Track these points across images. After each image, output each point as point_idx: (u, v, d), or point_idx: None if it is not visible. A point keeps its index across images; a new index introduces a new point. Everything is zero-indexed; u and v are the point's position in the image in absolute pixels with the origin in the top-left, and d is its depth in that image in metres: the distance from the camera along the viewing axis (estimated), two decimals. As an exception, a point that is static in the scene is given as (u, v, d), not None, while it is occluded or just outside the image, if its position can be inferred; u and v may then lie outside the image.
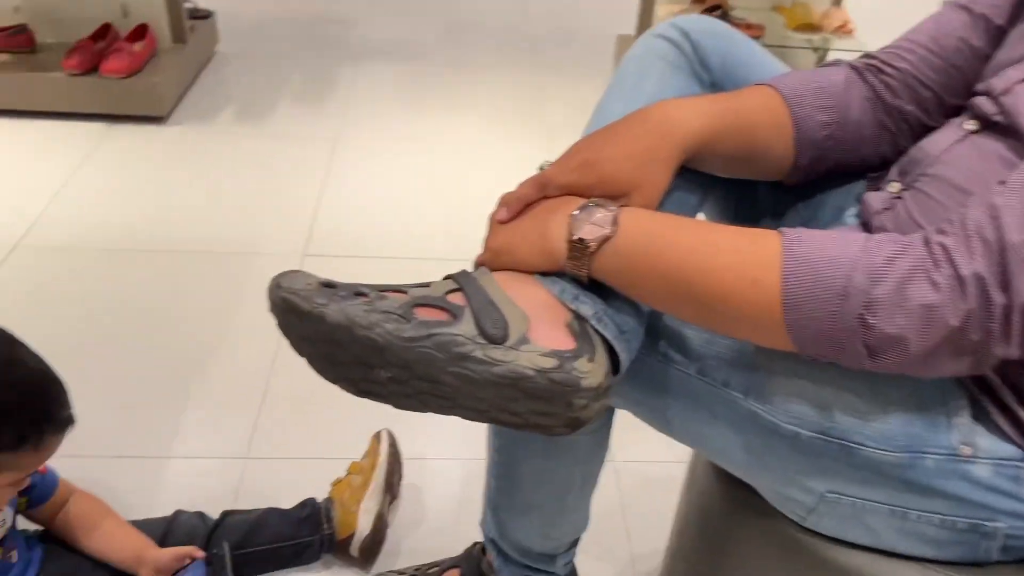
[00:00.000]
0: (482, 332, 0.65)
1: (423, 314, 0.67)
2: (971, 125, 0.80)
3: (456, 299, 0.68)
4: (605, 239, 0.68)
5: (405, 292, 0.69)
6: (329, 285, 0.68)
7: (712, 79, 0.93)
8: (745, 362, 0.74)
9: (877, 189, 0.86)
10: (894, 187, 0.83)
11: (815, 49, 2.56)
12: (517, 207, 0.74)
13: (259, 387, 1.51)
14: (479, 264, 0.74)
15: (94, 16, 2.39)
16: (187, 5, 2.70)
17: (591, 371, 0.65)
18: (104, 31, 2.37)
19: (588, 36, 3.14)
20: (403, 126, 2.47)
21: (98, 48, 2.30)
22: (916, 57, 0.88)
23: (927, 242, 0.61)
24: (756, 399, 0.73)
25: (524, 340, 0.65)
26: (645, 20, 2.55)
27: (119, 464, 1.35)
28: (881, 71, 0.89)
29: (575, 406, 0.65)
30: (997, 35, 0.85)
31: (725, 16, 2.33)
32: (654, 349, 0.78)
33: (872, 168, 0.90)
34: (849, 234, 0.65)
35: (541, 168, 0.80)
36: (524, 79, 2.82)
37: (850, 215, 0.88)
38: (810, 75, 0.88)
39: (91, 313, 1.66)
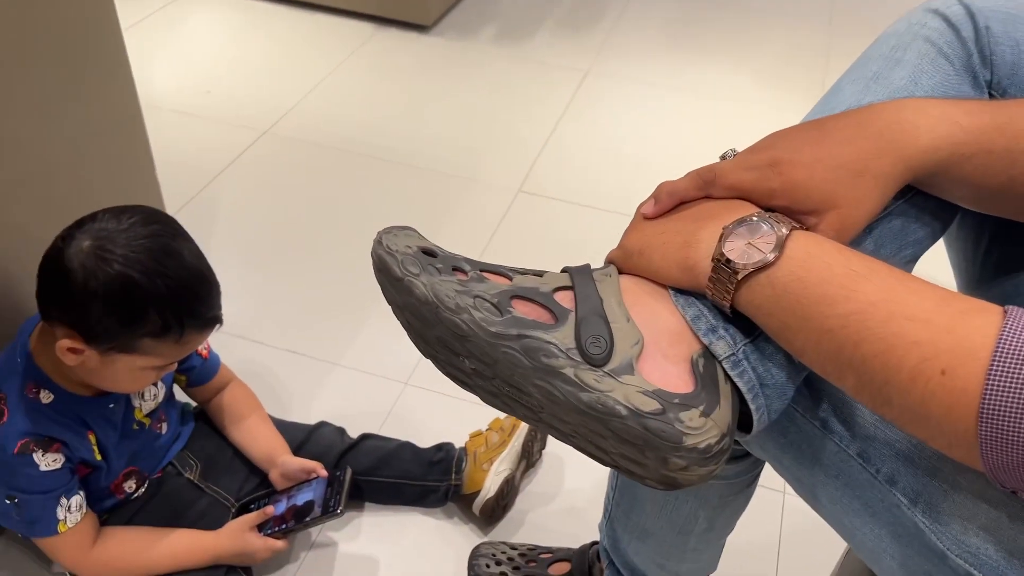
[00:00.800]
0: (579, 346, 0.54)
1: (522, 309, 0.56)
2: None
3: (564, 299, 0.57)
4: (762, 266, 0.52)
5: (509, 278, 0.59)
6: (429, 253, 0.60)
7: (994, 79, 0.71)
8: (923, 461, 0.56)
9: None
10: None
11: None
12: (668, 203, 0.61)
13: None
14: (608, 261, 0.62)
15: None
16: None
17: (702, 428, 0.51)
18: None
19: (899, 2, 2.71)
20: (662, 68, 2.30)
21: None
22: None
23: None
24: (925, 513, 0.55)
25: (629, 368, 0.53)
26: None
27: (290, 359, 1.40)
28: None
29: (671, 465, 0.52)
30: None
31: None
32: (813, 412, 0.62)
33: None
34: None
35: (724, 157, 0.66)
36: (814, 37, 2.51)
37: None
38: None
39: (309, 210, 1.74)
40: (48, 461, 0.90)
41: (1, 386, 0.91)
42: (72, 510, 0.93)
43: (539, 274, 0.60)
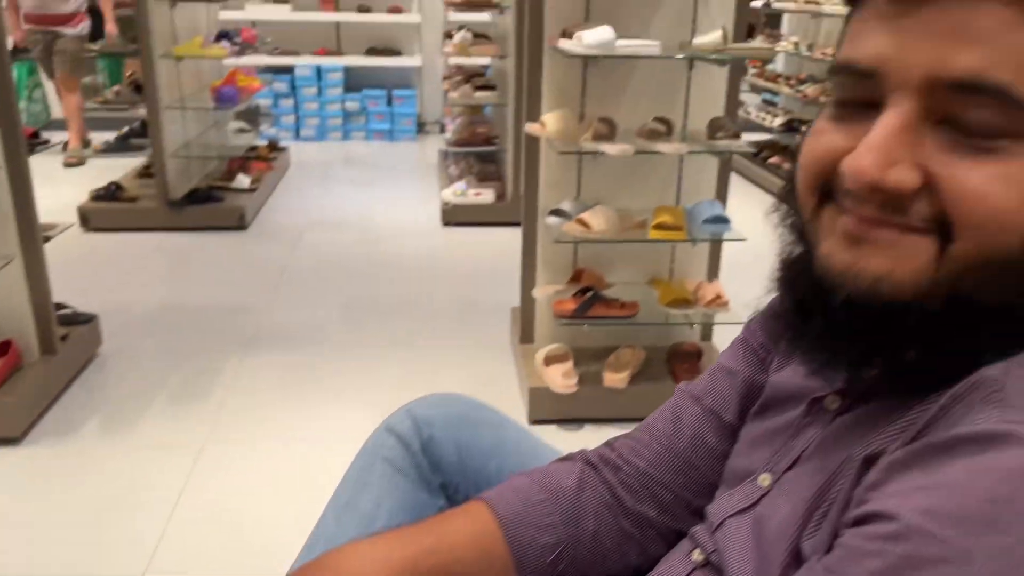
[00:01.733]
0: None
1: None
2: (697, 556, 0.69)
3: None
4: None
5: None
6: None
7: (443, 480, 0.83)
8: None
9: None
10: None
11: (691, 325, 2.57)
12: None
13: None
14: None
15: (-46, 337, 2.32)
16: (66, 311, 2.67)
17: None
18: (-37, 351, 2.29)
19: (488, 306, 3.15)
20: (282, 423, 2.35)
21: (-50, 372, 2.21)
22: (653, 453, 0.78)
23: None
24: None
25: None
26: (527, 298, 2.56)
27: None
28: (619, 468, 0.79)
29: None
30: (731, 433, 0.77)
31: (595, 298, 2.33)
32: None
33: (623, 583, 0.78)
34: None
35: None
36: (421, 356, 2.78)
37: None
38: (537, 482, 0.78)
39: None
40: None
41: None
42: None
43: None
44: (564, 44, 2.13)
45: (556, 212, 2.37)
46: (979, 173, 0.49)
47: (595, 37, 2.03)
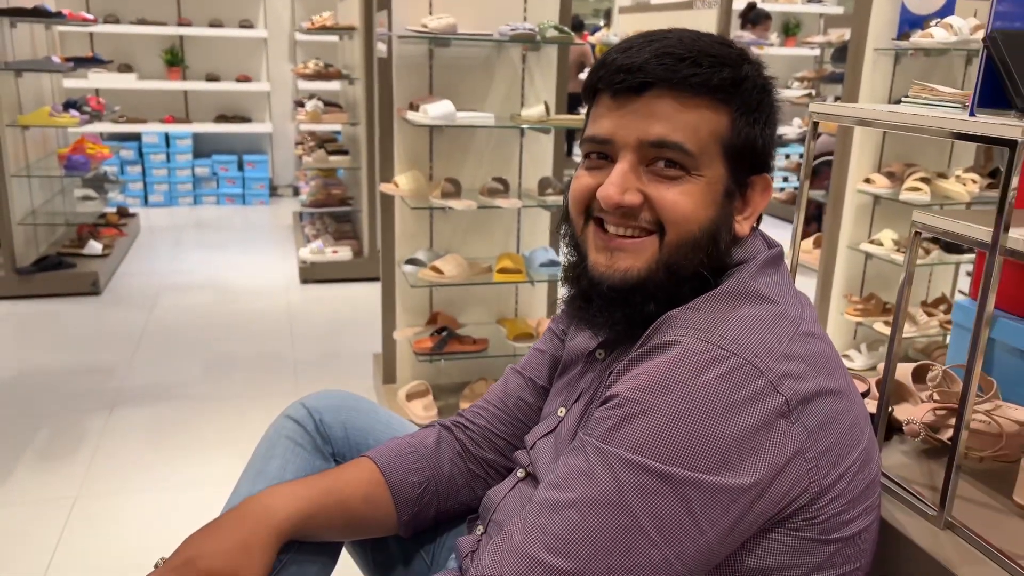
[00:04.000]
0: None
1: None
2: (520, 473, 0.98)
3: None
4: None
5: None
6: None
7: (334, 450, 1.08)
8: None
9: (470, 532, 1.00)
10: (479, 530, 0.98)
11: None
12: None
13: None
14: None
15: None
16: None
17: None
18: None
19: (349, 355, 3.36)
20: (152, 473, 2.45)
21: None
22: (489, 415, 1.08)
23: None
24: None
25: None
26: (388, 341, 2.81)
27: None
28: (466, 428, 1.07)
29: None
30: (543, 393, 1.07)
31: (450, 336, 2.61)
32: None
33: (475, 510, 1.06)
34: None
35: (156, 565, 0.88)
36: (286, 402, 2.93)
37: (453, 558, 1.02)
38: (406, 441, 1.05)
39: None
40: None
41: None
42: None
43: None
44: (411, 116, 2.45)
45: (412, 261, 2.65)
46: (672, 192, 0.83)
47: (438, 110, 2.36)
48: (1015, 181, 0.84)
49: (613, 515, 0.72)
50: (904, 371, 1.22)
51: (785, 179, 7.01)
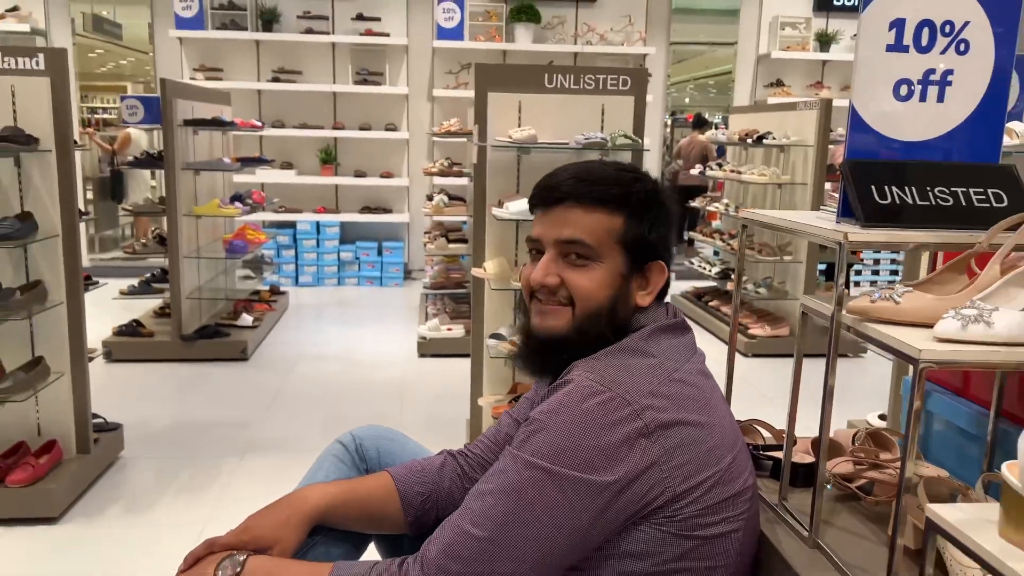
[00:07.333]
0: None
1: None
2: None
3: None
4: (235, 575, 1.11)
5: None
6: None
7: (368, 467, 1.44)
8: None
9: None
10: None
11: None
12: (190, 560, 1.18)
13: None
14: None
15: (10, 436, 2.90)
16: (98, 420, 3.25)
17: None
18: (17, 447, 2.85)
19: (449, 419, 3.73)
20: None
21: (7, 463, 2.77)
22: (484, 446, 1.40)
23: (401, 564, 1.06)
24: None
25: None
26: (475, 407, 3.16)
27: None
28: (466, 455, 1.40)
29: None
30: None
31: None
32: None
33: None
34: (367, 562, 1.10)
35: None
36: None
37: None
38: (419, 462, 1.39)
39: None
40: None
41: None
42: None
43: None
44: (496, 211, 2.85)
45: (495, 336, 3.01)
46: (581, 276, 1.15)
47: (516, 207, 2.76)
48: (842, 278, 1.10)
49: (516, 500, 1.02)
50: (847, 433, 1.43)
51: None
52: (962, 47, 1.22)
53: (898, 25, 1.22)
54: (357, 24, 7.09)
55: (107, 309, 5.55)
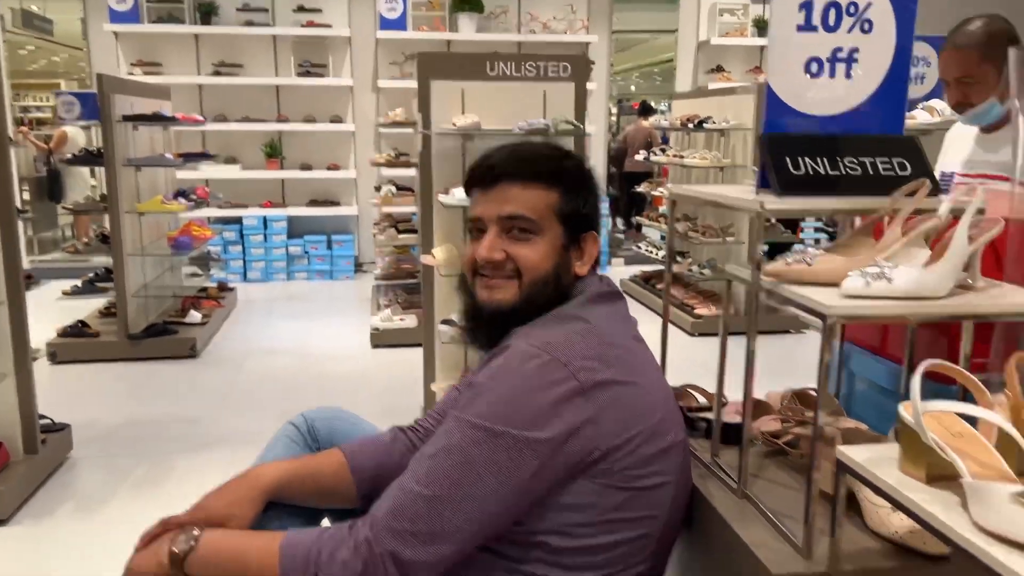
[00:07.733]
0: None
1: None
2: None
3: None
4: (189, 549, 1.14)
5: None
6: None
7: (320, 446, 1.48)
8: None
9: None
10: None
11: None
12: (145, 539, 1.21)
13: None
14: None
15: (-45, 439, 2.85)
16: (44, 420, 3.21)
17: None
18: (-39, 452, 2.81)
19: (405, 407, 3.77)
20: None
21: (-48, 466, 2.73)
22: (434, 420, 1.45)
23: (351, 527, 1.10)
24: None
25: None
26: (428, 393, 3.20)
27: None
28: (416, 430, 1.45)
29: None
30: None
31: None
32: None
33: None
34: (318, 528, 1.14)
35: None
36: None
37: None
38: (370, 438, 1.44)
39: None
40: None
41: None
42: None
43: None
44: (443, 198, 2.90)
45: (446, 322, 3.06)
46: (526, 249, 1.22)
47: (462, 193, 2.80)
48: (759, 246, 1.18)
49: (460, 459, 1.08)
50: (777, 395, 1.52)
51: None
52: (866, 26, 1.30)
53: (807, 7, 1.30)
54: (298, 16, 7.03)
55: (50, 311, 5.45)
